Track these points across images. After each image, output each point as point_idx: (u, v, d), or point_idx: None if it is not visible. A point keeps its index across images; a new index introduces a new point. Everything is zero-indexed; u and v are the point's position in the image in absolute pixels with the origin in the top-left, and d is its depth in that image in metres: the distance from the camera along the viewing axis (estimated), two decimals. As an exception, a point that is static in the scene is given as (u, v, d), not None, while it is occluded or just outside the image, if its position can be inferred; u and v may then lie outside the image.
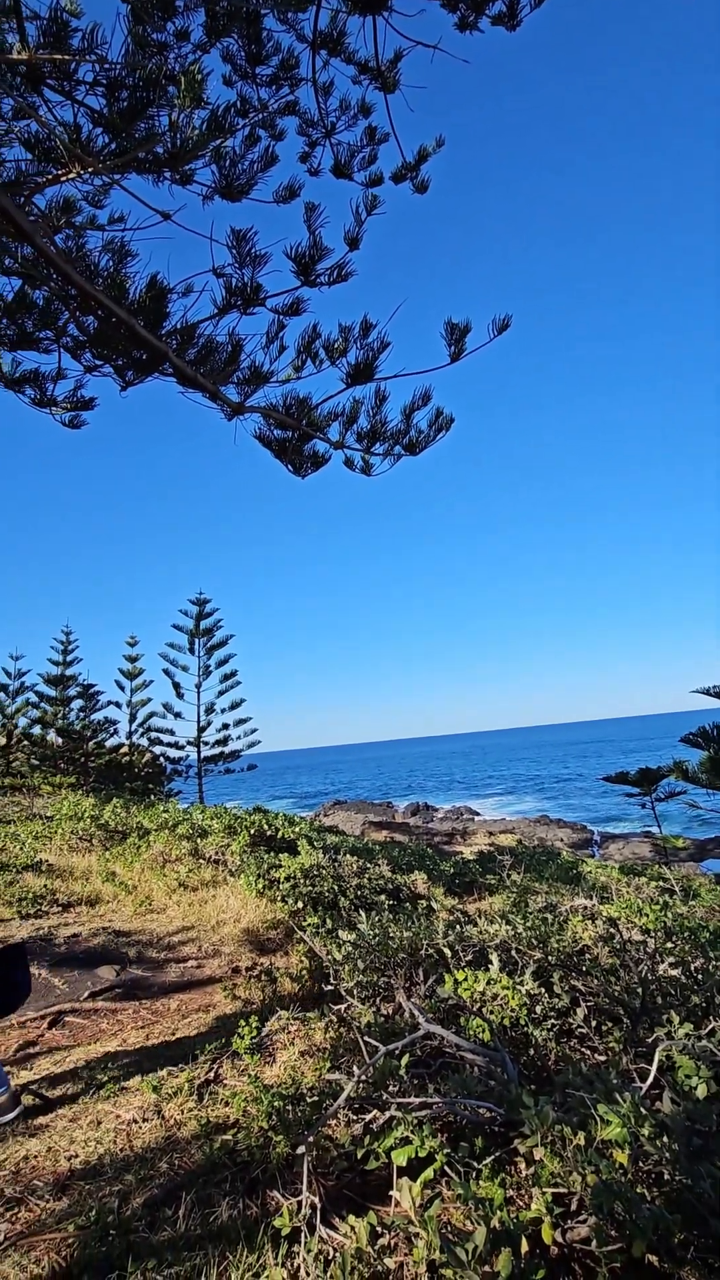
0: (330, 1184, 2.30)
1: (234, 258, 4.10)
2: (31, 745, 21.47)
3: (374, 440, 5.46)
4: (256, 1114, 2.59)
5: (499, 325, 4.81)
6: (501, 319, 4.83)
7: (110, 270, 3.90)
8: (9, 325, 4.62)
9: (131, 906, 6.43)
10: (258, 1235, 1.99)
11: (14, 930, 5.59)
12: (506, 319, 4.83)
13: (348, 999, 3.48)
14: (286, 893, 5.77)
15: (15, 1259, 1.95)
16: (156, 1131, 2.61)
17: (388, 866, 6.91)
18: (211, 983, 4.82)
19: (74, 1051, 3.59)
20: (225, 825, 7.15)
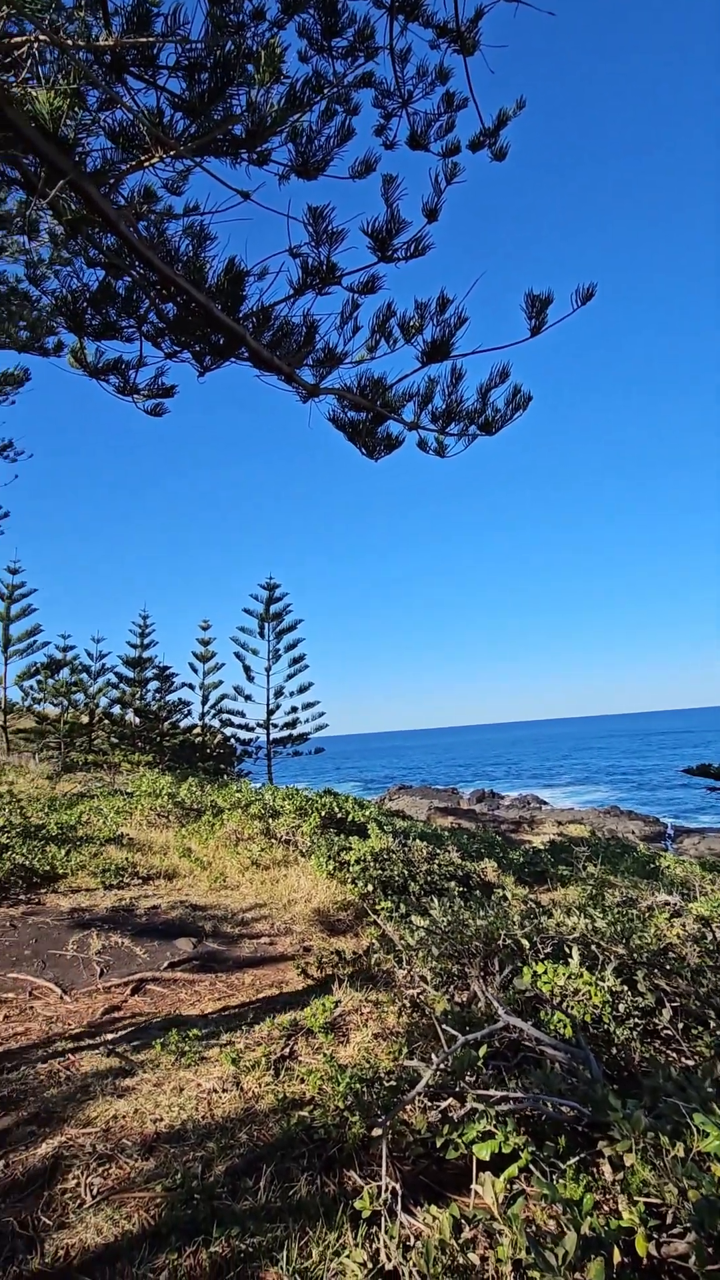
0: (407, 1169, 2.29)
1: (311, 236, 4.06)
2: (111, 724, 22.48)
3: (449, 420, 5.33)
4: (332, 1093, 2.61)
5: (582, 295, 4.58)
6: (585, 288, 4.60)
7: (190, 255, 3.92)
8: (94, 315, 4.74)
9: (206, 882, 6.63)
10: (336, 1214, 2.00)
11: (99, 899, 5.87)
12: (590, 288, 4.60)
13: (421, 984, 3.47)
14: (357, 875, 5.81)
15: (108, 1213, 2.04)
16: (235, 1102, 2.67)
17: (457, 853, 6.85)
18: (283, 960, 4.91)
19: (156, 1018, 3.72)
20: (296, 807, 7.25)
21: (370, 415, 5.25)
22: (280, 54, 3.48)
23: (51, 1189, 2.17)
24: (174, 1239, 1.92)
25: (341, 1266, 1.77)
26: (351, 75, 5.23)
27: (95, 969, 4.62)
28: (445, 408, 5.18)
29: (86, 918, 5.43)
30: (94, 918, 5.44)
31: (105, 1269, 1.85)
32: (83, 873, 6.43)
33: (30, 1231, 1.99)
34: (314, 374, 4.90)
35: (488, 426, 5.32)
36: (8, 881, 5.81)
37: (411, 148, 5.64)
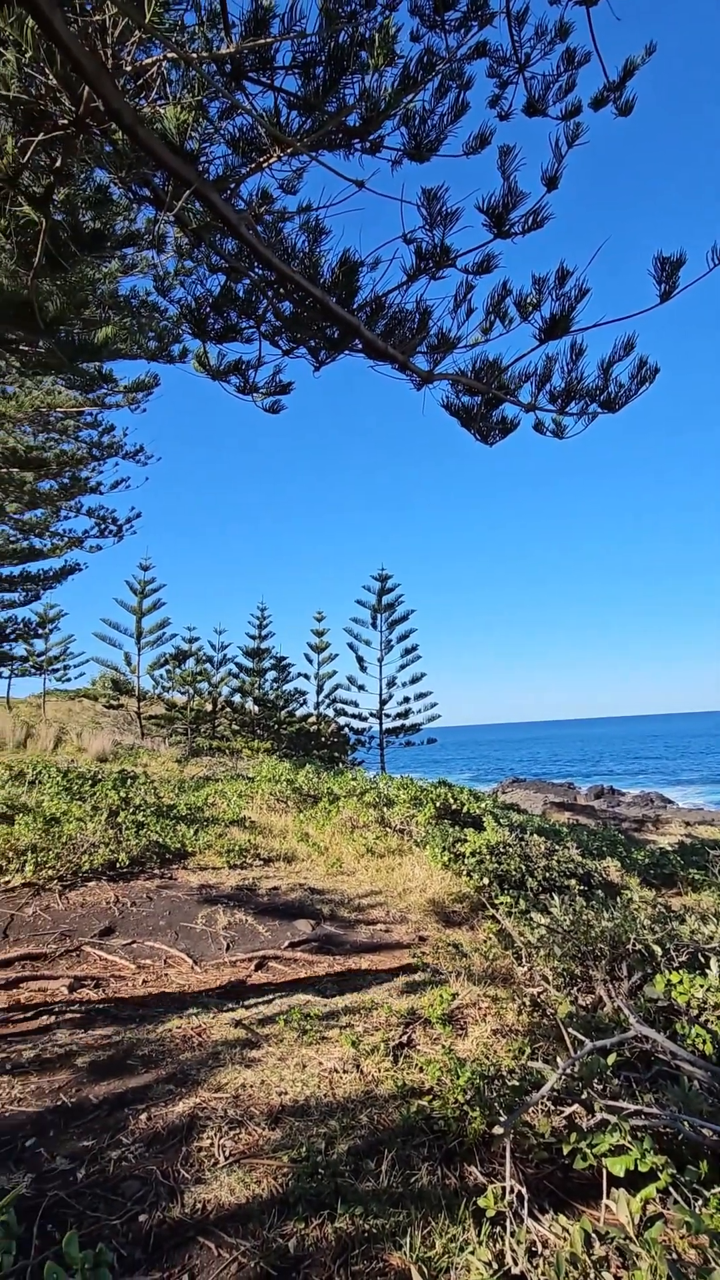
0: (530, 1171, 2.23)
1: (424, 219, 3.99)
2: (233, 711, 23.63)
3: (569, 399, 5.08)
4: (452, 1085, 2.60)
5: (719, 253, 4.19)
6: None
7: (305, 250, 3.98)
8: (216, 319, 4.94)
9: (324, 866, 6.81)
10: (459, 1208, 1.99)
11: (224, 878, 6.19)
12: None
13: (543, 984, 3.37)
14: (472, 867, 5.74)
15: (240, 1175, 2.14)
16: (356, 1084, 2.72)
17: (577, 849, 6.59)
18: (399, 948, 4.95)
19: (278, 995, 3.87)
20: (411, 796, 7.27)
21: (485, 399, 5.12)
22: (393, 35, 3.44)
23: (188, 1145, 2.31)
24: (301, 1209, 1.99)
25: (466, 1263, 1.75)
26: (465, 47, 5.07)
27: (222, 943, 4.88)
28: (565, 386, 4.94)
29: (213, 894, 5.74)
30: (220, 895, 5.75)
31: (239, 1226, 1.95)
32: (209, 852, 6.80)
33: (171, 1182, 2.13)
34: (427, 360, 4.84)
35: (610, 404, 5.02)
36: (144, 856, 6.26)
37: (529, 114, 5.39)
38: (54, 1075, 2.83)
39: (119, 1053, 3.03)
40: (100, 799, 7.06)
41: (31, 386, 13.93)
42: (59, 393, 14.24)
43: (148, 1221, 1.97)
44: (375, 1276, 1.76)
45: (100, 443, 17.26)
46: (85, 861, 5.80)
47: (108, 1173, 2.19)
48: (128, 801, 7.20)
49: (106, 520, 20.67)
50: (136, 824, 6.65)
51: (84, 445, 17.23)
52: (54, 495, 18.51)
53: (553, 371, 4.96)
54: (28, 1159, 2.26)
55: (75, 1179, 2.15)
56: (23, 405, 12.57)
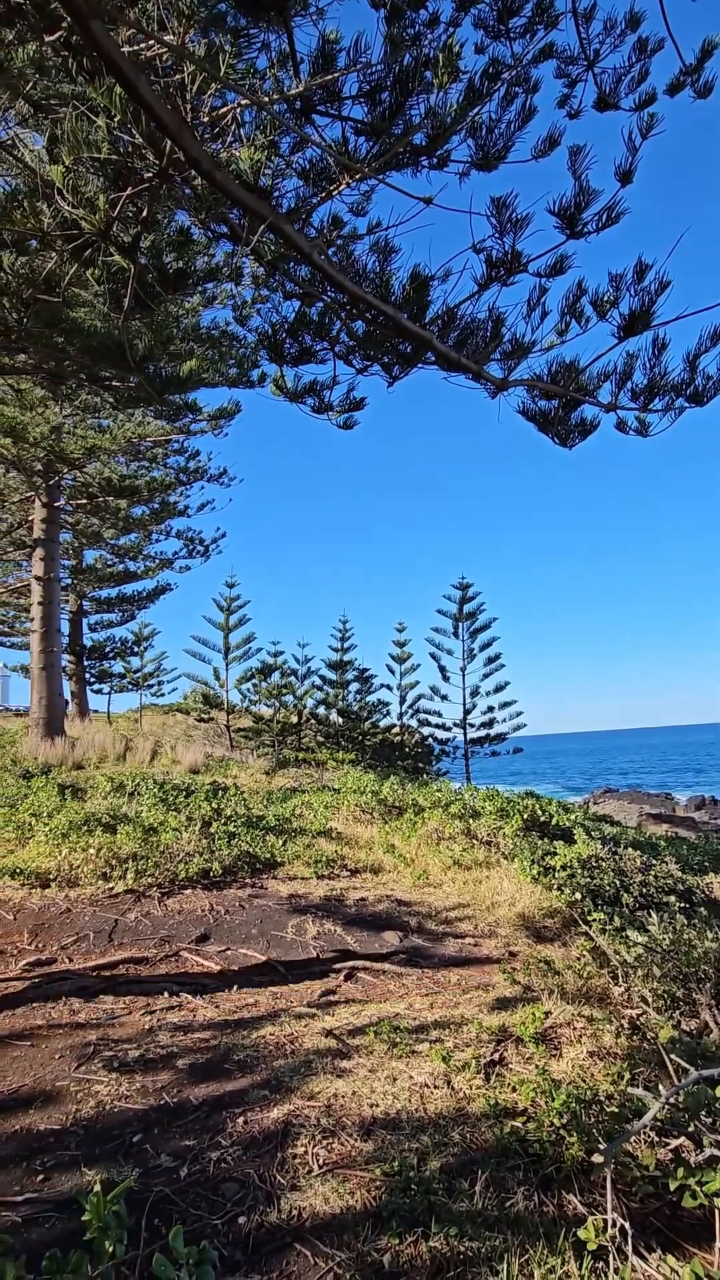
0: (634, 1206, 2.14)
1: (494, 228, 3.98)
2: (318, 723, 23.99)
3: (652, 396, 4.90)
4: (547, 1108, 2.53)
5: None
6: None
7: (376, 270, 4.06)
8: (291, 344, 5.10)
9: (410, 878, 6.78)
10: (557, 1238, 1.93)
11: (312, 888, 6.28)
12: None
13: (641, 1005, 3.22)
14: (563, 881, 5.56)
15: (334, 1185, 2.17)
16: (447, 1100, 2.69)
17: (676, 864, 6.25)
18: (488, 962, 4.86)
19: (367, 1006, 3.90)
20: (497, 808, 7.14)
21: (562, 402, 5.02)
22: (457, 53, 3.48)
23: (284, 1151, 2.37)
24: (395, 1224, 1.99)
25: (565, 1293, 1.70)
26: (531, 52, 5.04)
27: (312, 952, 4.96)
28: (647, 383, 4.77)
29: (302, 904, 5.84)
30: (309, 905, 5.84)
31: (334, 1237, 1.98)
32: (298, 862, 6.93)
33: (268, 1186, 2.19)
34: (501, 368, 4.80)
35: (698, 398, 4.81)
36: (235, 866, 6.45)
37: (600, 110, 5.27)
38: (157, 1075, 2.96)
39: (216, 1056, 3.14)
40: (194, 810, 7.34)
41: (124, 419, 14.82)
42: (148, 423, 15.07)
43: (247, 1224, 2.03)
44: (471, 1299, 1.74)
45: (186, 468, 18.12)
46: (181, 870, 6.05)
47: (208, 1173, 2.27)
48: (219, 812, 7.45)
49: (194, 541, 21.65)
50: (228, 834, 6.88)
51: (172, 471, 18.15)
52: (145, 520, 19.57)
53: (634, 369, 4.81)
54: (135, 1154, 2.38)
55: (179, 1176, 2.25)
56: (116, 438, 13.38)
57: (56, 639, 15.61)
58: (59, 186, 3.47)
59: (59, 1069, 3.00)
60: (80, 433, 13.44)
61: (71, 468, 14.32)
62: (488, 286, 4.48)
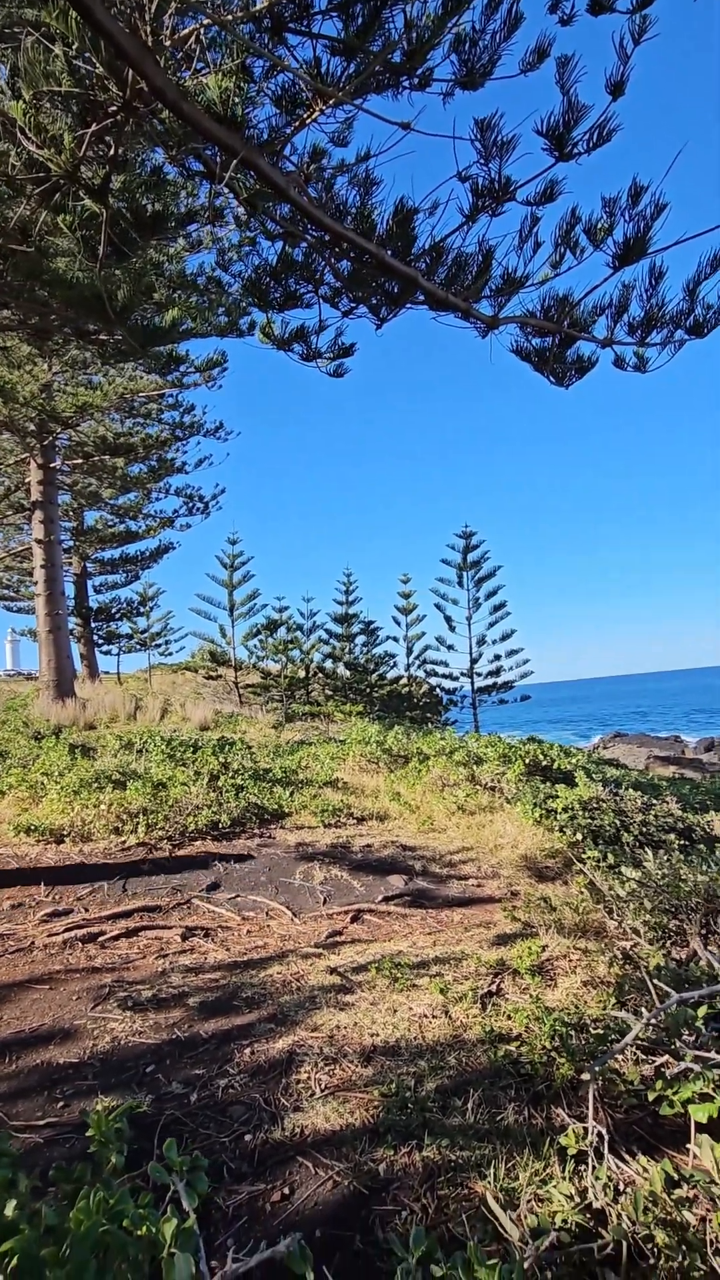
0: (619, 1117, 2.25)
1: (479, 153, 3.79)
2: (325, 677, 24.19)
3: (650, 328, 4.74)
4: (539, 1033, 2.64)
5: None
6: None
7: (357, 206, 3.89)
8: (275, 288, 4.94)
9: (415, 824, 6.94)
10: (543, 1146, 2.05)
11: (319, 836, 6.45)
12: None
13: (634, 937, 3.33)
14: (564, 823, 5.68)
15: (334, 1105, 2.30)
16: (444, 1029, 2.82)
17: (677, 803, 6.35)
18: (490, 902, 5.01)
19: (371, 946, 4.04)
20: (500, 754, 7.25)
21: (557, 338, 4.87)
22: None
23: (288, 1077, 2.50)
24: (390, 1138, 2.11)
25: (548, 1194, 1.81)
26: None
27: (319, 897, 5.12)
28: (645, 315, 4.61)
29: (310, 852, 6.01)
30: (316, 852, 6.01)
31: (333, 1150, 2.10)
32: (304, 812, 7.10)
33: (273, 1108, 2.32)
34: (492, 304, 4.64)
35: (698, 329, 4.65)
36: (244, 817, 6.62)
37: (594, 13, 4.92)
38: (169, 1013, 3.11)
39: (225, 994, 3.29)
40: (202, 764, 7.49)
41: (114, 375, 14.51)
42: (139, 378, 14.75)
43: (252, 1141, 2.16)
44: (460, 1201, 1.86)
45: (182, 423, 17.82)
46: (190, 822, 6.21)
47: (216, 1098, 2.41)
48: (227, 766, 7.60)
49: (193, 498, 21.43)
50: (236, 787, 7.03)
51: (167, 427, 17.85)
52: (143, 478, 19.36)
53: (630, 300, 4.65)
54: (148, 1083, 2.52)
55: (189, 1101, 2.39)
56: (108, 394, 13.13)
57: (61, 602, 15.67)
58: (21, 125, 3.32)
59: (76, 1009, 3.16)
60: (71, 390, 13.19)
61: (65, 427, 14.11)
62: (475, 217, 4.29)
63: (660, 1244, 1.61)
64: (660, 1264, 1.61)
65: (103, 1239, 1.11)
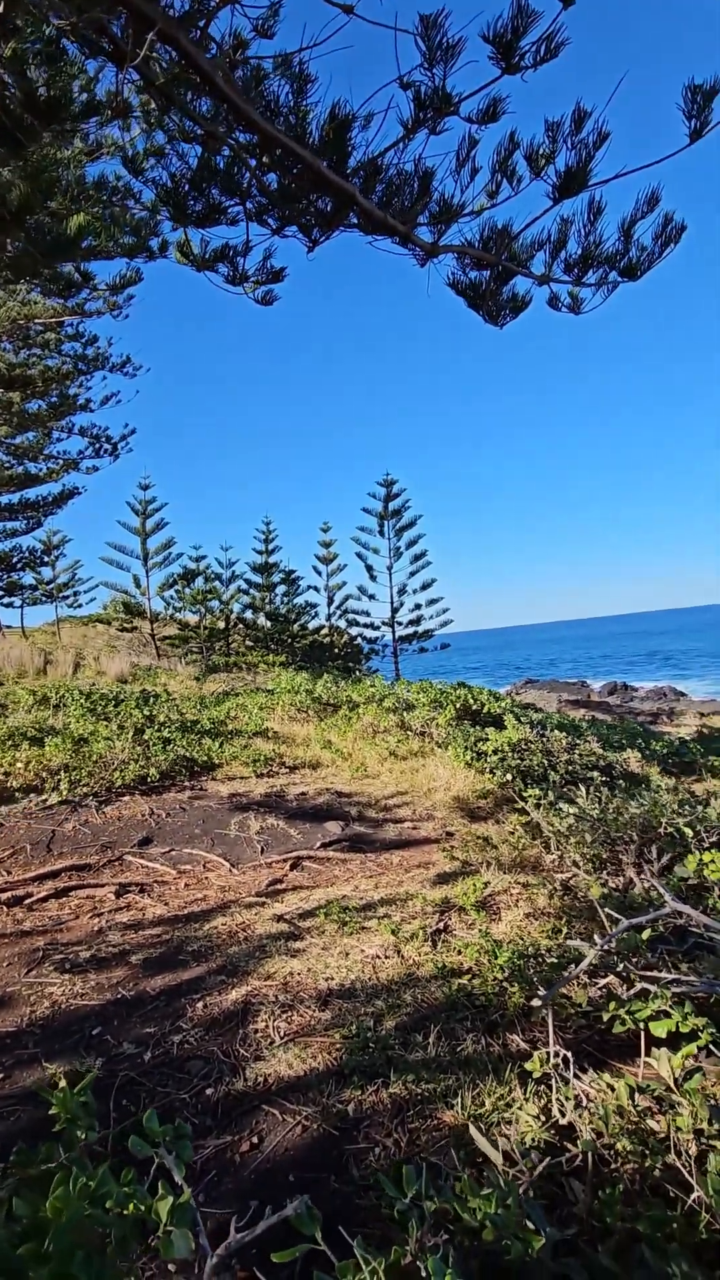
0: (569, 1037, 2.35)
1: (422, 54, 3.51)
2: (246, 628, 23.77)
3: (586, 267, 4.66)
4: (490, 965, 2.71)
5: (761, 75, 3.69)
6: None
7: (290, 105, 3.54)
8: (196, 199, 4.51)
9: (348, 771, 6.98)
10: (504, 1071, 2.10)
11: (253, 786, 6.37)
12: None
13: (572, 869, 3.47)
14: (495, 765, 5.85)
15: (296, 1051, 2.28)
16: (398, 968, 2.85)
17: (598, 743, 6.70)
18: (428, 843, 5.12)
19: (314, 892, 4.04)
20: (431, 699, 7.35)
21: (494, 273, 4.71)
22: None
23: (245, 1028, 2.46)
24: (356, 1079, 2.11)
25: (515, 1116, 1.86)
26: None
27: (257, 846, 5.07)
28: (582, 252, 4.53)
29: (244, 802, 5.92)
30: (250, 802, 5.93)
31: (299, 1095, 2.08)
32: (236, 763, 6.98)
33: (232, 1060, 2.28)
34: (431, 232, 4.43)
35: (631, 270, 4.61)
36: (173, 770, 6.43)
37: None
38: (111, 972, 2.99)
39: (170, 949, 3.20)
40: (125, 718, 7.19)
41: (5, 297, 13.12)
42: (36, 303, 13.42)
43: (214, 1094, 2.11)
44: (431, 1132, 1.88)
45: (85, 355, 16.45)
46: (117, 778, 5.96)
47: (172, 1054, 2.33)
48: (152, 719, 7.33)
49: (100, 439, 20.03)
50: (163, 740, 6.80)
51: (69, 359, 16.45)
52: (43, 415, 17.87)
53: (568, 235, 4.54)
54: (96, 1045, 2.41)
55: (143, 1060, 2.30)
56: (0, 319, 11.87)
57: (-44, 550, 14.42)
58: None
59: (7, 976, 2.98)
60: (-44, 313, 11.82)
61: (-50, 355, 12.68)
62: (415, 131, 4.02)
63: (621, 1150, 1.69)
64: (623, 1168, 1.69)
65: (86, 1226, 1.01)
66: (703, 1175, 1.48)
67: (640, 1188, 1.62)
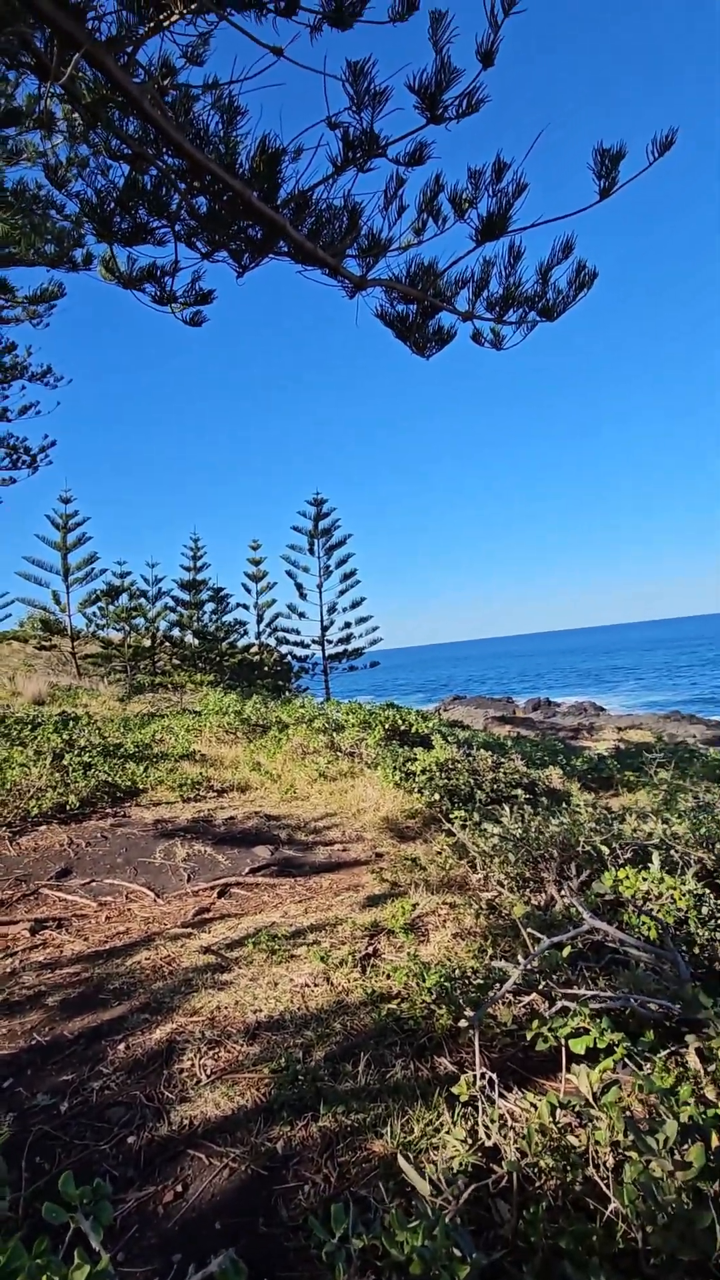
0: (494, 1056, 2.40)
1: (350, 99, 3.63)
2: (172, 646, 23.20)
3: (506, 306, 4.90)
4: (418, 988, 2.74)
5: (661, 144, 3.99)
6: (664, 136, 4.00)
7: (220, 134, 3.58)
8: (122, 218, 4.47)
9: (278, 794, 6.91)
10: (433, 1096, 2.12)
11: (179, 811, 6.20)
12: (670, 135, 4.00)
13: (497, 889, 3.55)
14: (423, 784, 5.93)
15: (223, 1090, 2.22)
16: (327, 996, 2.84)
17: (521, 761, 6.90)
18: (357, 865, 5.12)
19: (243, 919, 3.97)
20: (360, 720, 7.39)
21: (420, 307, 4.89)
22: None
23: (169, 1068, 2.38)
24: (285, 1114, 2.08)
25: (443, 1141, 1.89)
26: None
27: (183, 874, 4.93)
28: (503, 292, 4.76)
29: (169, 828, 5.76)
30: (176, 828, 5.77)
31: (227, 1136, 2.03)
32: (161, 787, 6.78)
33: (156, 1103, 2.20)
34: (359, 264, 4.55)
35: (548, 311, 4.88)
36: (94, 797, 6.18)
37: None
38: (24, 1017, 2.83)
39: (90, 988, 3.06)
40: (42, 743, 6.87)
41: None
42: (-51, 307, 12.80)
43: (136, 1142, 2.03)
44: (361, 1164, 1.88)
45: (2, 363, 15.79)
46: (33, 806, 5.68)
47: (91, 1102, 2.23)
48: (72, 743, 7.04)
49: (18, 450, 19.19)
50: (83, 765, 6.53)
51: (-16, 367, 15.74)
52: (-44, 424, 17.00)
53: (490, 276, 4.76)
54: (7, 1099, 2.27)
55: (59, 1112, 2.19)
56: None
57: None
58: None
59: None
60: None
61: None
62: (344, 169, 4.13)
63: (544, 1168, 1.74)
64: (546, 1185, 1.74)
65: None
66: (619, 1186, 1.55)
67: (563, 1203, 1.67)
